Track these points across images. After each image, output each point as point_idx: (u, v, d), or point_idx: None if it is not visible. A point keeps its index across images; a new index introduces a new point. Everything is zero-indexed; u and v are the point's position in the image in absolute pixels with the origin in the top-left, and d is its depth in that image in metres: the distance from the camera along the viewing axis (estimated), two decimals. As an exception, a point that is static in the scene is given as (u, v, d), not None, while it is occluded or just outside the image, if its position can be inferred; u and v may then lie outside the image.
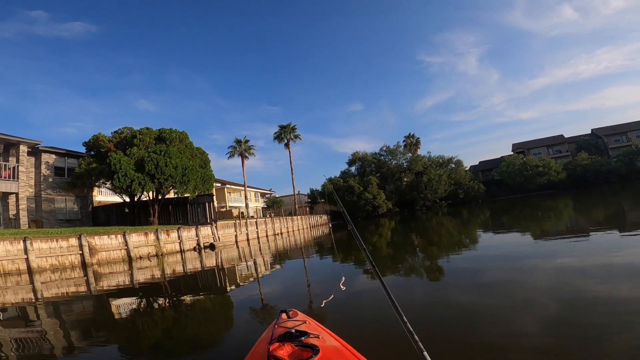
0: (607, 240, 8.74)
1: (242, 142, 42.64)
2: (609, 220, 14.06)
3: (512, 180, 53.58)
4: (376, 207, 49.30)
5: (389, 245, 15.93)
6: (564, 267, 6.34)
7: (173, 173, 19.43)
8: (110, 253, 15.08)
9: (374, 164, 57.41)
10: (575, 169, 50.81)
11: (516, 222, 18.86)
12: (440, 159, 56.04)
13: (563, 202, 27.32)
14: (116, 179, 18.45)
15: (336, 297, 5.21)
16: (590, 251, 7.72)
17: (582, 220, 15.64)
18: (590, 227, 12.23)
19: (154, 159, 19.19)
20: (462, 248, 11.62)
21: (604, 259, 6.54)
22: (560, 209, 22.53)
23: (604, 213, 17.07)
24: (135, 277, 11.23)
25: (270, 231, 30.22)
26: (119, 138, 21.74)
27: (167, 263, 14.32)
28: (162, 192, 21.59)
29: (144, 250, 16.48)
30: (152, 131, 21.87)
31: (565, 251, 8.06)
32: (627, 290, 4.46)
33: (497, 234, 14.83)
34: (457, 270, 7.55)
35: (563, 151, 62.45)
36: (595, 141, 59.11)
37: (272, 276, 10.13)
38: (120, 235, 15.64)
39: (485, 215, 27.54)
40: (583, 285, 5.05)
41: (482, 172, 66.20)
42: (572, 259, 6.99)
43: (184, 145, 22.19)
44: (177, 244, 18.47)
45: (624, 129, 58.71)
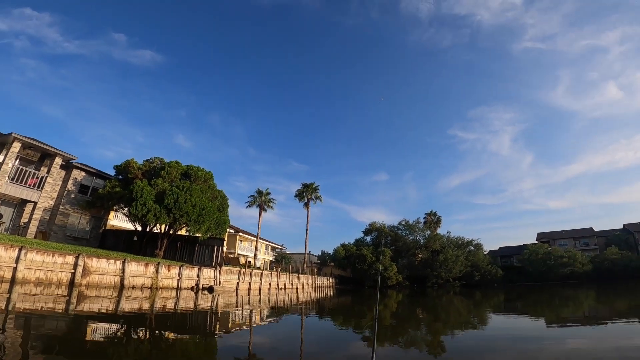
0: (625, 328, 8.35)
1: (264, 194, 43.61)
2: (631, 310, 13.24)
3: (534, 268, 50.69)
4: (386, 278, 47.26)
5: (393, 316, 15.19)
6: (574, 351, 6.05)
7: (190, 211, 20.02)
8: (104, 277, 14.90)
9: (390, 237, 56.05)
10: (603, 263, 47.68)
11: (531, 308, 17.80)
12: (459, 240, 54.33)
13: (585, 293, 25.35)
14: (134, 206, 19.17)
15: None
16: (604, 337, 7.44)
17: (602, 310, 14.71)
18: (610, 316, 11.66)
19: (175, 193, 20.00)
20: (468, 327, 11.08)
21: (617, 343, 6.24)
22: (581, 298, 20.92)
23: (627, 304, 15.81)
24: (121, 304, 10.88)
25: (274, 284, 29.35)
26: (149, 167, 22.81)
27: (160, 297, 13.98)
28: (175, 228, 22.02)
29: (139, 281, 16.29)
30: (180, 166, 22.97)
31: (578, 336, 7.79)
32: None
33: (508, 317, 14.01)
34: (459, 348, 7.20)
35: (591, 244, 59.42)
36: (627, 237, 56.09)
37: (265, 328, 9.74)
38: (120, 262, 15.59)
39: (500, 298, 25.82)
40: None
41: (501, 258, 63.09)
42: (584, 342, 6.76)
43: (207, 186, 23.10)
44: (175, 280, 18.25)
45: None
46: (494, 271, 50.25)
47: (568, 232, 63.70)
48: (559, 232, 64.56)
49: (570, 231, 64.00)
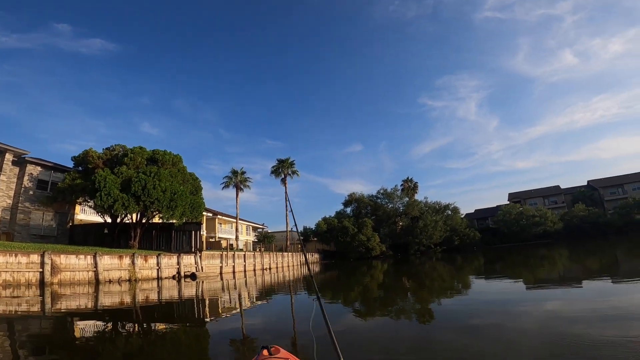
0: (599, 287, 8.76)
1: (239, 174, 42.43)
2: (603, 269, 13.84)
3: (508, 229, 53.02)
4: (369, 249, 48.13)
5: (380, 287, 15.32)
6: (553, 312, 6.33)
7: (160, 197, 18.84)
8: (76, 274, 14.13)
9: (369, 206, 56.95)
10: (572, 220, 50.48)
11: (510, 270, 18.38)
12: (437, 205, 55.83)
13: (558, 252, 26.73)
14: (98, 197, 17.83)
15: (316, 334, 4.82)
16: (580, 298, 7.77)
17: (576, 269, 15.39)
18: (584, 275, 12.12)
19: (142, 179, 18.71)
20: (453, 292, 11.35)
21: (593, 305, 6.50)
22: (555, 258, 22.02)
23: (599, 262, 16.61)
24: (100, 300, 10.43)
25: (258, 265, 28.98)
26: (110, 155, 21.36)
27: (141, 289, 13.47)
28: (147, 216, 20.83)
29: (115, 274, 15.53)
30: (145, 151, 21.55)
31: (554, 299, 8.02)
32: (614, 334, 4.46)
33: (489, 281, 14.35)
34: (446, 315, 7.35)
35: (559, 202, 62.57)
36: (591, 193, 59.39)
37: (255, 310, 9.51)
38: (90, 257, 14.77)
39: (480, 262, 26.71)
40: (570, 330, 4.97)
41: (478, 220, 65.66)
42: (561, 307, 6.88)
43: (177, 169, 21.81)
44: (154, 270, 17.48)
45: (620, 181, 58.95)
46: (472, 234, 52.21)
47: (537, 191, 66.57)
48: (528, 192, 67.37)
49: (539, 190, 66.89)
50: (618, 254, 19.81)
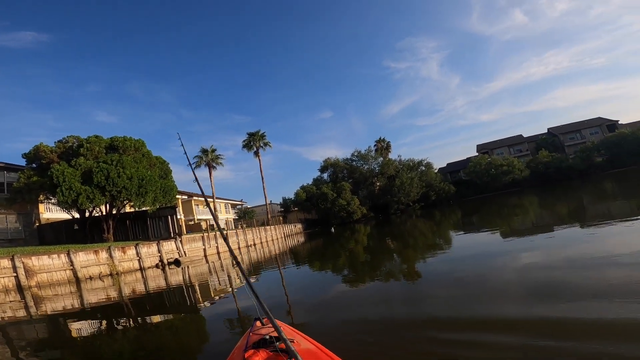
0: (569, 235, 9.17)
1: (209, 152, 40.88)
2: (571, 215, 14.58)
3: (480, 179, 55.23)
4: (350, 212, 48.87)
5: (366, 250, 15.50)
6: (530, 262, 6.67)
7: (127, 184, 17.64)
8: (53, 274, 13.48)
9: (346, 170, 57.26)
10: (538, 167, 53.17)
11: (486, 221, 19.15)
12: (410, 162, 56.88)
13: (528, 200, 28.16)
14: (59, 192, 16.45)
15: (314, 303, 6.07)
16: (553, 245, 8.19)
17: (547, 216, 16.20)
18: (554, 222, 12.70)
19: (104, 169, 17.34)
20: (436, 249, 11.75)
21: (566, 253, 6.88)
22: (526, 206, 23.17)
23: (567, 208, 17.59)
24: (86, 298, 10.13)
25: (242, 243, 28.68)
26: (64, 148, 19.68)
27: (125, 282, 13.12)
28: (117, 206, 19.65)
29: (94, 270, 14.84)
30: (102, 140, 19.96)
31: (530, 248, 8.40)
32: (585, 278, 4.90)
33: (468, 235, 14.92)
34: (432, 273, 7.63)
35: (523, 150, 65.46)
36: (552, 139, 62.35)
37: (246, 288, 9.48)
38: (64, 255, 14.00)
39: (457, 215, 27.79)
40: (547, 277, 5.40)
41: (450, 174, 67.93)
42: (537, 256, 7.26)
43: (141, 154, 20.39)
44: (135, 261, 16.79)
45: (578, 127, 62.36)
46: (447, 188, 54.08)
47: (502, 141, 69.19)
48: (494, 142, 69.88)
49: (504, 140, 69.57)
50: (583, 198, 21.04)
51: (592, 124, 61.72)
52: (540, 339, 3.18)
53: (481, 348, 3.23)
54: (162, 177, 21.32)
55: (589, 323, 3.37)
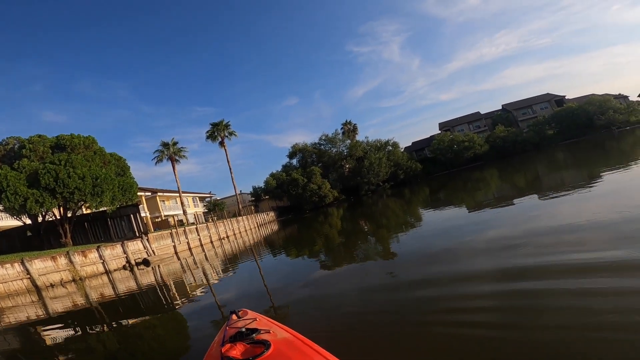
0: (528, 205, 9.77)
1: (171, 145, 38.74)
2: (529, 186, 15.52)
3: (444, 156, 57.27)
4: (322, 197, 49.01)
5: (341, 233, 15.59)
6: (495, 235, 7.03)
7: (80, 185, 16.26)
8: (9, 284, 12.70)
9: (314, 154, 57.08)
10: (495, 141, 55.95)
11: (453, 197, 19.97)
12: (378, 143, 57.62)
13: (489, 173, 29.64)
14: (4, 198, 14.93)
15: (290, 292, 6.13)
16: (514, 217, 8.63)
17: (507, 188, 17.17)
18: (514, 195, 13.37)
19: (52, 170, 15.83)
20: (408, 227, 12.05)
21: (527, 225, 7.25)
22: (488, 179, 24.35)
23: (524, 179, 18.65)
24: (50, 306, 9.52)
25: (214, 236, 27.87)
26: (4, 150, 17.92)
27: (91, 287, 12.48)
28: (71, 208, 18.17)
29: (54, 277, 13.90)
30: (46, 139, 18.28)
31: (494, 220, 8.94)
32: (546, 245, 5.30)
33: (437, 211, 15.41)
34: (407, 251, 7.82)
35: (482, 126, 68.61)
36: (507, 115, 65.99)
37: (224, 282, 9.46)
38: (18, 264, 13.03)
39: (425, 192, 28.69)
40: (511, 244, 5.79)
41: (416, 152, 69.82)
42: (500, 227, 7.81)
43: (92, 152, 18.85)
44: (99, 264, 15.79)
45: (529, 102, 66.40)
46: (414, 166, 55.57)
47: (462, 119, 72.06)
48: (455, 120, 72.66)
49: (463, 117, 72.44)
50: (539, 169, 22.41)
51: (541, 99, 65.79)
52: (505, 283, 4.15)
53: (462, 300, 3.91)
54: (119, 174, 19.94)
55: (542, 268, 4.31)
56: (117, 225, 20.42)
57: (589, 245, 4.74)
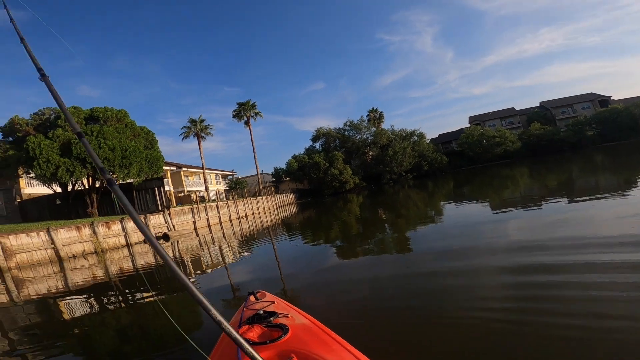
0: (556, 208, 9.09)
1: (198, 122, 39.64)
2: (560, 188, 14.52)
3: (472, 151, 55.27)
4: (343, 182, 48.78)
5: (359, 221, 15.36)
6: (517, 238, 6.55)
7: (110, 156, 16.85)
8: (33, 254, 12.83)
9: (338, 140, 56.60)
10: (529, 139, 53.26)
11: (477, 192, 19.17)
12: (403, 132, 56.34)
13: (519, 171, 28.21)
14: (36, 166, 15.68)
15: (308, 276, 6.16)
16: (540, 219, 8.07)
17: (536, 188, 16.15)
18: (543, 196, 12.58)
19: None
20: (427, 221, 11.66)
21: (551, 234, 6.58)
22: (517, 177, 23.17)
23: (556, 181, 17.55)
24: (70, 279, 9.68)
25: (233, 214, 28.44)
26: (40, 120, 18.74)
27: (111, 260, 12.62)
28: (100, 179, 18.92)
29: (77, 248, 14.24)
30: (80, 110, 18.91)
31: (518, 220, 8.48)
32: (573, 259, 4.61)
33: (459, 205, 14.75)
34: (424, 245, 7.58)
35: (515, 123, 65.56)
36: (544, 113, 62.57)
37: (240, 262, 9.44)
38: (44, 233, 13.26)
39: (449, 186, 27.77)
40: (530, 250, 5.31)
41: (442, 145, 67.73)
42: (524, 228, 7.43)
43: (123, 125, 19.40)
44: (121, 237, 16.31)
45: (570, 101, 62.78)
46: (439, 158, 54.04)
47: (494, 114, 69.10)
48: (486, 114, 69.71)
49: (497, 112, 69.48)
50: (573, 171, 21.04)
51: (584, 99, 62.26)
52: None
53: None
54: (147, 147, 20.49)
55: (562, 267, 4.19)
56: (142, 198, 21.10)
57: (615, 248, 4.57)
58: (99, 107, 19.56)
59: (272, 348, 1.76)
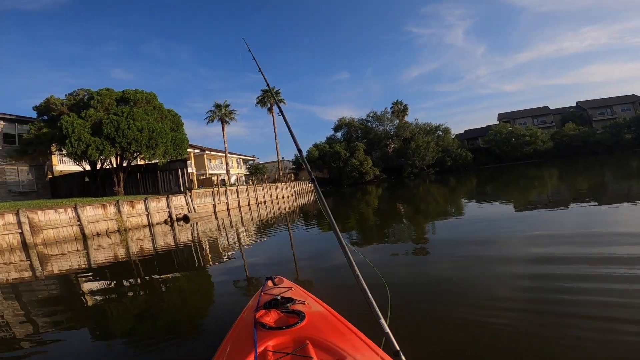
0: (585, 212, 8.71)
1: (222, 107, 40.29)
2: (591, 191, 13.74)
3: (499, 148, 53.35)
4: (363, 173, 48.47)
5: (377, 214, 15.22)
6: (539, 242, 6.12)
7: (138, 136, 17.41)
8: (59, 230, 13.12)
9: (360, 130, 56.05)
10: (562, 139, 50.78)
11: (501, 191, 18.48)
12: (427, 126, 55.03)
13: (548, 172, 27.01)
14: (68, 143, 16.43)
15: (323, 265, 6.28)
16: (566, 223, 7.68)
17: (565, 191, 15.27)
18: (571, 199, 11.98)
19: (114, 120, 17.08)
20: (447, 217, 11.41)
21: (577, 233, 6.35)
22: (545, 178, 22.18)
23: (587, 183, 16.64)
24: (93, 257, 9.84)
25: (252, 199, 28.90)
26: (74, 100, 19.51)
27: (133, 239, 12.84)
28: (127, 158, 19.66)
29: (102, 226, 14.61)
30: (112, 92, 19.59)
31: (541, 222, 8.09)
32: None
33: (480, 204, 14.27)
34: (439, 242, 7.53)
35: (548, 122, 62.60)
36: (580, 113, 59.48)
37: (256, 248, 9.53)
38: (71, 209, 13.58)
39: (472, 183, 26.99)
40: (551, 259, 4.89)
41: (468, 141, 65.68)
42: (547, 229, 7.05)
43: (152, 107, 19.96)
44: (144, 217, 16.72)
45: (610, 102, 59.45)
46: (464, 155, 52.52)
47: (527, 111, 65.97)
48: (518, 112, 66.72)
49: (529, 110, 66.31)
50: (606, 174, 19.87)
51: (625, 100, 58.95)
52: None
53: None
54: (173, 129, 21.01)
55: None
56: (165, 179, 21.72)
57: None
58: (130, 89, 20.19)
59: (288, 334, 1.78)
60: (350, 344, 1.70)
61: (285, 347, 1.70)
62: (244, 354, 1.64)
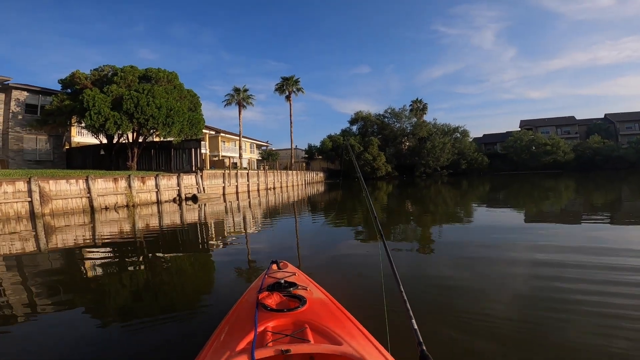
0: (595, 227, 8.43)
1: (241, 91, 40.45)
2: (605, 207, 13.28)
3: (517, 156, 52.06)
4: (375, 169, 48.22)
5: (384, 210, 15.12)
6: (542, 258, 5.82)
7: (155, 113, 17.74)
8: (68, 202, 13.08)
9: (376, 125, 55.57)
10: (585, 151, 49.14)
11: (513, 199, 18.09)
12: (445, 127, 54.09)
13: (565, 184, 26.22)
14: (87, 116, 16.89)
15: (327, 255, 6.33)
16: (574, 239, 7.28)
17: (578, 205, 14.71)
18: (584, 213, 11.67)
19: (134, 97, 17.46)
20: (455, 220, 11.27)
21: (585, 251, 5.97)
22: (561, 190, 21.57)
23: (604, 199, 16.07)
24: (98, 231, 9.74)
25: (262, 185, 29.15)
26: (99, 75, 20.02)
27: (140, 216, 12.78)
28: (143, 134, 20.03)
29: (111, 200, 14.70)
30: (136, 69, 20.03)
31: (550, 235, 7.76)
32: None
33: (490, 210, 14.00)
34: (444, 244, 7.40)
35: (572, 132, 60.55)
36: (607, 126, 57.29)
37: (260, 234, 9.51)
38: (82, 181, 13.61)
39: (485, 188, 26.50)
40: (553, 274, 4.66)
41: (485, 145, 64.23)
42: (555, 241, 6.85)
43: (172, 86, 20.30)
44: (153, 193, 16.90)
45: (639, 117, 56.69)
46: (480, 159, 51.55)
47: (550, 120, 63.92)
48: (541, 120, 64.72)
49: (553, 119, 64.18)
50: (624, 191, 19.16)
51: None
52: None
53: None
54: (191, 109, 21.31)
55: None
56: (179, 157, 22.00)
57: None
58: (153, 68, 20.61)
59: (289, 316, 1.84)
60: (347, 331, 1.73)
61: (285, 329, 1.74)
62: (244, 332, 1.69)
